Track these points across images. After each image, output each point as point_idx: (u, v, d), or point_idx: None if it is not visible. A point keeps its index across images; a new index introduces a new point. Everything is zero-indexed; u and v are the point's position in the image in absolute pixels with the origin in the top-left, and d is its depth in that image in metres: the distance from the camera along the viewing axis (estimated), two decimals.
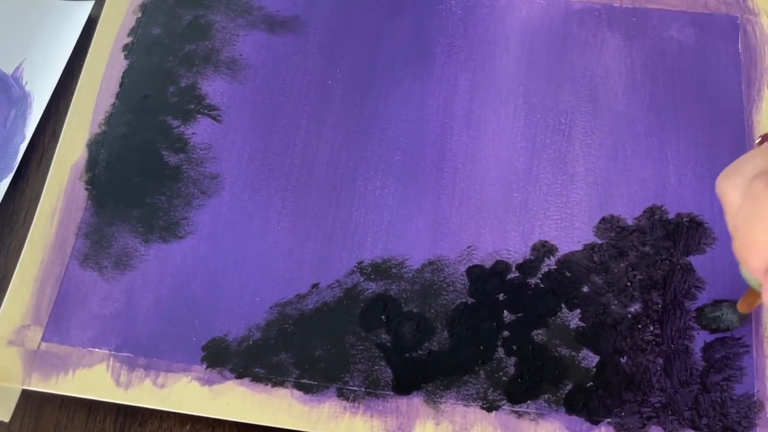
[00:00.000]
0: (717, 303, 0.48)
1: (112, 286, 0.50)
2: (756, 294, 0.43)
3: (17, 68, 0.60)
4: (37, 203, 0.54)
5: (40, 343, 0.49)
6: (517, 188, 0.52)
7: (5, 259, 0.53)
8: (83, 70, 0.57)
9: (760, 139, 0.43)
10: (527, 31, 0.57)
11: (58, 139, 0.56)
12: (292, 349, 0.48)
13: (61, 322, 0.50)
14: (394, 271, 0.50)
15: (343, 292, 0.49)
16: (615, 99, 0.54)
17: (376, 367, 0.47)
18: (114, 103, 0.56)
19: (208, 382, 0.47)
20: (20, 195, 0.56)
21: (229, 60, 0.57)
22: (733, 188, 0.37)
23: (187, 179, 0.53)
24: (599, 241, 0.50)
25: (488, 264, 0.50)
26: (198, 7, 0.60)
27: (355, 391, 0.47)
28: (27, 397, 0.49)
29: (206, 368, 0.48)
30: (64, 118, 0.57)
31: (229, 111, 0.56)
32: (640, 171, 0.52)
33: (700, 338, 0.47)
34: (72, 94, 0.58)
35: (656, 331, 0.47)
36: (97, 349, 0.49)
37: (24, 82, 0.59)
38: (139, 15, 0.60)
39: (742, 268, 0.40)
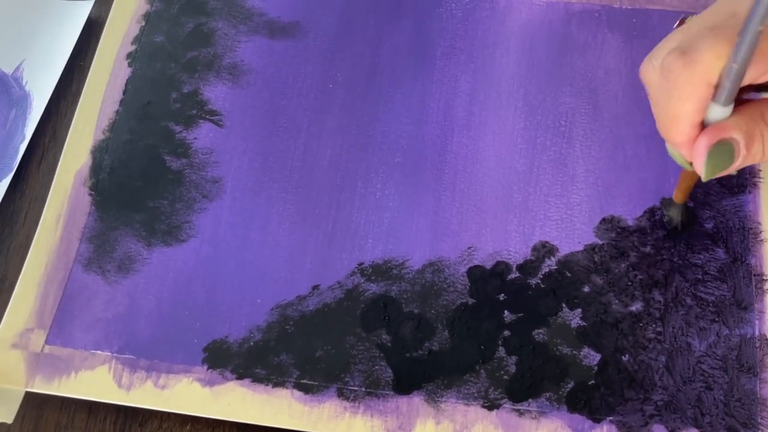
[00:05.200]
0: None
1: (115, 290, 0.51)
2: (687, 176, 0.44)
3: (17, 68, 0.61)
4: (37, 203, 0.54)
5: (43, 346, 0.49)
6: (517, 189, 0.52)
7: (5, 259, 0.54)
8: (87, 78, 0.58)
9: (678, 22, 0.44)
10: (527, 33, 0.57)
11: (58, 139, 0.57)
12: (292, 350, 0.48)
13: (65, 325, 0.50)
14: (394, 272, 0.50)
15: (344, 293, 0.50)
16: (615, 100, 0.54)
17: (377, 367, 0.47)
18: (117, 110, 0.57)
19: (209, 383, 0.47)
20: (20, 195, 0.56)
21: (230, 66, 0.58)
22: (652, 70, 0.39)
23: (189, 183, 0.54)
24: (600, 242, 0.50)
25: (489, 264, 0.50)
26: (200, 14, 0.60)
27: (356, 391, 0.47)
28: (28, 397, 0.49)
29: (207, 369, 0.48)
30: (64, 119, 0.58)
31: (231, 116, 0.56)
32: (641, 172, 0.52)
33: (703, 336, 0.47)
34: (72, 94, 0.59)
35: (658, 329, 0.47)
36: (99, 352, 0.49)
37: (24, 82, 0.60)
38: (143, 24, 0.60)
39: (669, 148, 0.41)
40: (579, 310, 0.48)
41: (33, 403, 0.49)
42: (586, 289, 0.49)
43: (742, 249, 0.49)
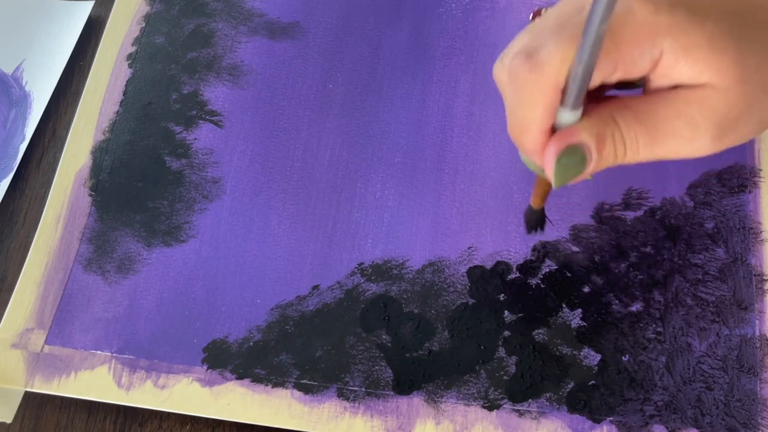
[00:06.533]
0: None
1: (114, 290, 0.51)
2: (543, 182, 0.42)
3: (17, 68, 0.61)
4: (37, 203, 0.55)
5: (43, 346, 0.49)
6: (517, 189, 0.52)
7: (5, 259, 0.54)
8: (88, 79, 0.58)
9: (532, 14, 0.42)
10: None
11: (58, 139, 0.57)
12: (292, 350, 0.48)
13: (64, 325, 0.50)
14: (394, 272, 0.50)
15: (344, 294, 0.50)
16: None
17: (377, 367, 0.47)
18: (118, 111, 0.57)
19: (209, 383, 0.47)
20: (20, 195, 0.56)
21: (230, 66, 0.58)
22: (502, 71, 0.36)
23: (189, 184, 0.54)
24: (600, 242, 0.50)
25: (489, 264, 0.50)
26: (201, 15, 0.60)
27: (356, 391, 0.47)
28: (27, 397, 0.49)
29: (207, 369, 0.48)
30: (64, 119, 0.58)
31: (231, 116, 0.56)
32: (641, 172, 0.52)
33: (703, 336, 0.47)
34: (72, 94, 0.59)
35: (658, 329, 0.47)
36: (99, 352, 0.49)
37: (24, 82, 0.60)
38: (143, 25, 0.60)
39: (522, 155, 0.39)
40: (579, 310, 0.48)
41: (33, 403, 0.49)
42: (586, 289, 0.48)
43: (743, 249, 0.49)
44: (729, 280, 0.48)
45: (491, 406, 0.46)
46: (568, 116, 0.35)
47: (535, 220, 0.46)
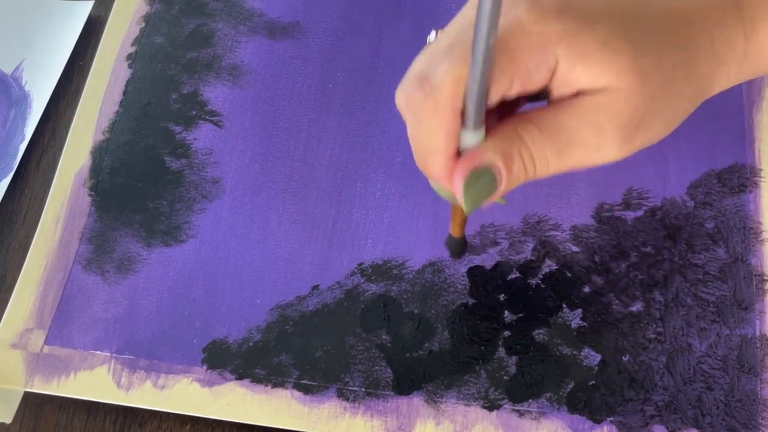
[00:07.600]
0: None
1: (114, 290, 0.51)
2: (458, 209, 0.41)
3: (17, 68, 0.61)
4: (37, 203, 0.55)
5: (42, 346, 0.49)
6: (517, 189, 0.51)
7: (5, 259, 0.54)
8: (87, 79, 0.58)
9: (434, 33, 0.40)
10: None
11: (57, 139, 0.57)
12: (292, 350, 0.48)
13: (64, 325, 0.50)
14: (394, 272, 0.50)
15: (344, 294, 0.49)
16: None
17: (377, 367, 0.47)
18: (117, 111, 0.57)
19: (209, 383, 0.47)
20: (20, 195, 0.56)
21: (230, 66, 0.58)
22: (401, 99, 0.34)
23: (188, 184, 0.54)
24: (600, 242, 0.50)
25: (489, 264, 0.50)
26: (200, 15, 0.60)
27: (356, 391, 0.47)
28: (27, 397, 0.49)
29: (207, 370, 0.48)
30: (64, 118, 0.58)
31: (231, 116, 0.56)
32: (641, 171, 0.52)
33: (704, 336, 0.46)
34: (72, 94, 0.59)
35: (658, 329, 0.47)
36: (98, 352, 0.49)
37: (24, 82, 0.60)
38: (143, 25, 0.60)
39: (432, 183, 0.37)
40: (579, 310, 0.48)
41: (32, 403, 0.49)
42: (586, 289, 0.48)
43: (743, 249, 0.49)
44: (729, 280, 0.48)
45: (491, 406, 0.46)
46: (471, 137, 0.34)
47: (458, 249, 0.46)
